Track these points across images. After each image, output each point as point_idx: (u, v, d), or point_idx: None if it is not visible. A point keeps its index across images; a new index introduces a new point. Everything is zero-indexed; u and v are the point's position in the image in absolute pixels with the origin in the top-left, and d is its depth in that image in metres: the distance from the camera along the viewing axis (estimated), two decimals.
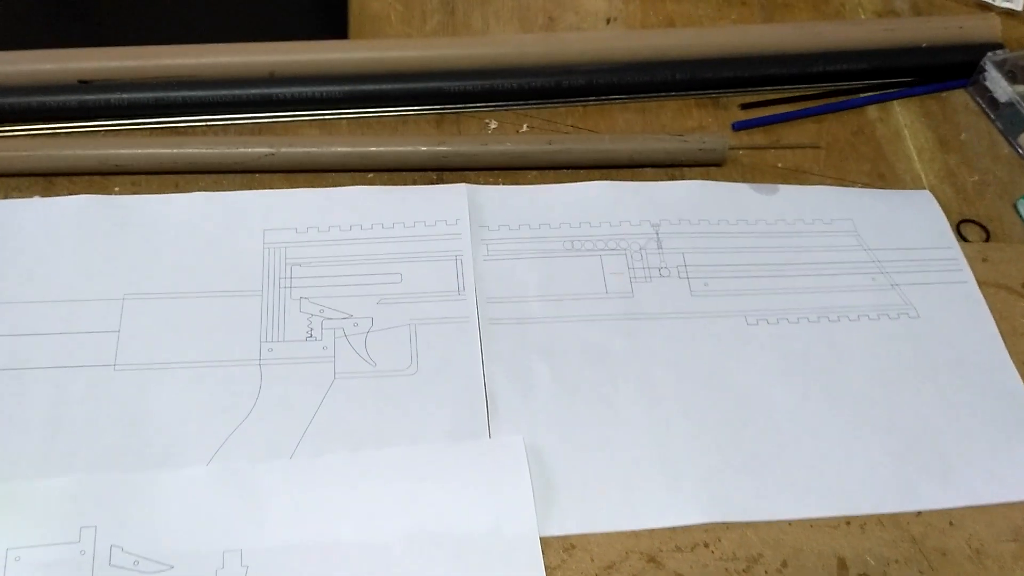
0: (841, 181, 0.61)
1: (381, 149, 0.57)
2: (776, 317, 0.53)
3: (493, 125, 0.62)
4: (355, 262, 0.53)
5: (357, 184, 0.57)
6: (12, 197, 0.55)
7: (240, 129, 0.59)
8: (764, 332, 0.52)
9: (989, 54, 0.65)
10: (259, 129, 0.60)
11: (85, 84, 0.58)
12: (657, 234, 0.56)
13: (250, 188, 0.56)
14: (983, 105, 0.65)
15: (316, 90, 0.60)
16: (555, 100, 0.63)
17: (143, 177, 0.56)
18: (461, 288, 0.52)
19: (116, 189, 0.55)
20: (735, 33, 0.65)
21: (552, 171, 0.59)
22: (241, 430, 0.47)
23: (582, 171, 0.59)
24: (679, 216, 0.57)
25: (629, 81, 0.63)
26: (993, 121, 0.65)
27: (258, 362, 0.49)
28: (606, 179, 0.59)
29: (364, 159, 0.57)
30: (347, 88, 0.60)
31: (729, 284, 0.54)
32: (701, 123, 0.63)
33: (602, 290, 0.53)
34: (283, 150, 0.56)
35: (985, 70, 0.64)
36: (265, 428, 0.47)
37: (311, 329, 0.50)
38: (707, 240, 0.56)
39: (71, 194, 0.55)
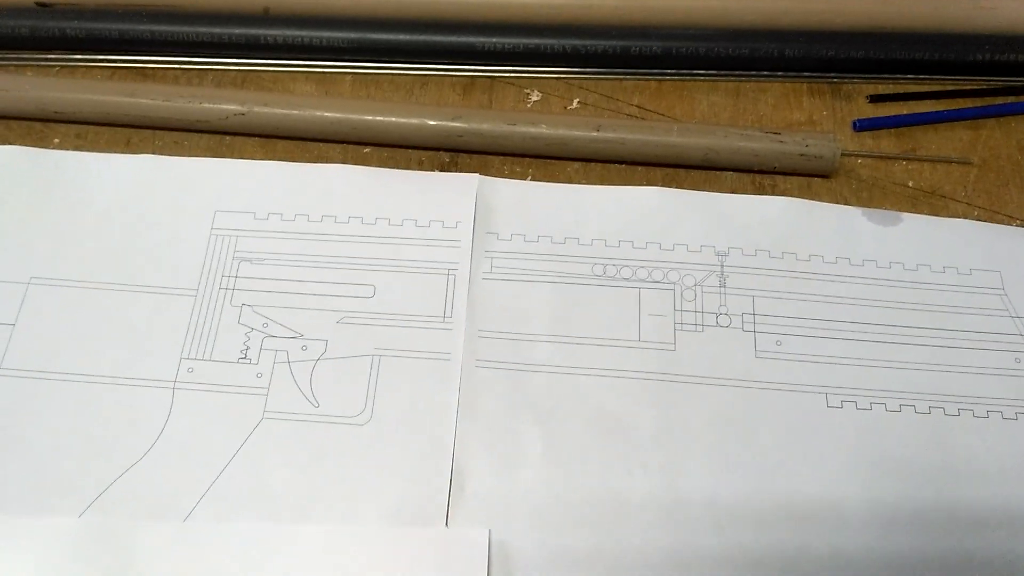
0: (994, 215, 0.45)
1: (376, 119, 0.44)
2: (869, 400, 0.39)
3: (535, 97, 0.48)
4: (319, 264, 0.41)
5: (350, 159, 0.45)
6: None
7: (220, 77, 0.48)
8: (850, 419, 0.38)
9: None
10: (243, 79, 0.48)
11: (44, 7, 0.48)
12: (722, 267, 0.42)
13: (217, 154, 0.45)
14: None
15: (318, 35, 0.48)
16: (620, 70, 0.49)
17: (90, 129, 0.46)
18: (448, 313, 0.40)
19: (56, 141, 0.45)
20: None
21: (600, 165, 0.46)
22: (132, 474, 0.36)
23: (640, 168, 0.46)
24: (756, 245, 0.42)
25: (721, 53, 0.48)
26: None
27: (172, 385, 0.38)
28: (670, 183, 0.45)
29: (357, 129, 0.45)
30: (355, 35, 0.48)
31: (810, 346, 0.40)
32: (812, 116, 0.48)
33: (635, 336, 0.40)
34: (256, 109, 0.45)
35: None
36: (162, 475, 0.36)
37: (247, 348, 0.39)
38: (789, 282, 0.41)
39: (3, 143, 0.45)
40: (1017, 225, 0.44)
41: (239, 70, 0.48)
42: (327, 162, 0.45)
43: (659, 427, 0.38)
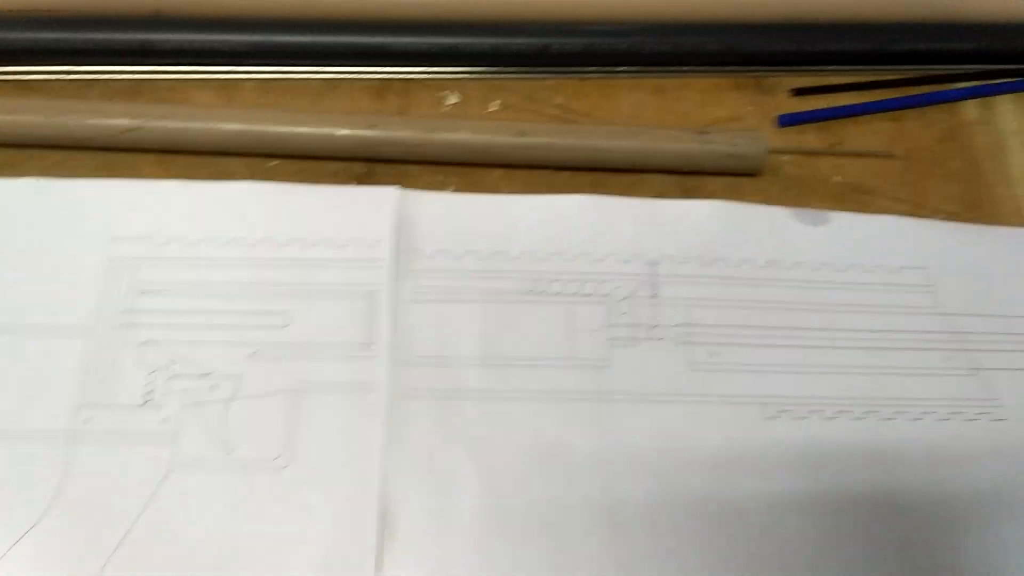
0: (919, 209, 0.44)
1: (283, 129, 0.41)
2: (805, 408, 0.38)
3: (453, 99, 0.46)
4: (227, 293, 0.38)
5: (256, 174, 0.42)
6: None
7: (109, 88, 0.44)
8: (785, 430, 0.37)
9: None
10: (135, 89, 0.44)
11: None
12: (653, 276, 0.40)
13: (110, 174, 0.41)
14: None
15: (215, 39, 0.44)
16: (541, 69, 0.47)
17: None
18: (370, 340, 0.38)
19: None
20: None
21: (525, 170, 0.44)
22: (27, 542, 0.33)
23: (565, 173, 0.44)
24: (687, 252, 0.41)
25: (643, 49, 0.47)
26: None
27: (66, 437, 0.35)
28: (597, 188, 0.43)
29: (263, 141, 0.42)
30: (256, 38, 0.44)
31: (744, 356, 0.39)
32: (736, 112, 0.47)
33: (568, 354, 0.38)
34: (151, 123, 0.41)
35: None
36: (61, 540, 0.33)
37: (151, 391, 0.36)
38: (721, 290, 0.40)
39: None
40: (941, 219, 0.44)
41: (130, 80, 0.44)
42: (231, 178, 0.41)
43: (598, 451, 0.36)
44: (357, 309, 0.38)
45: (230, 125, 0.41)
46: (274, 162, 0.43)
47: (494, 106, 0.46)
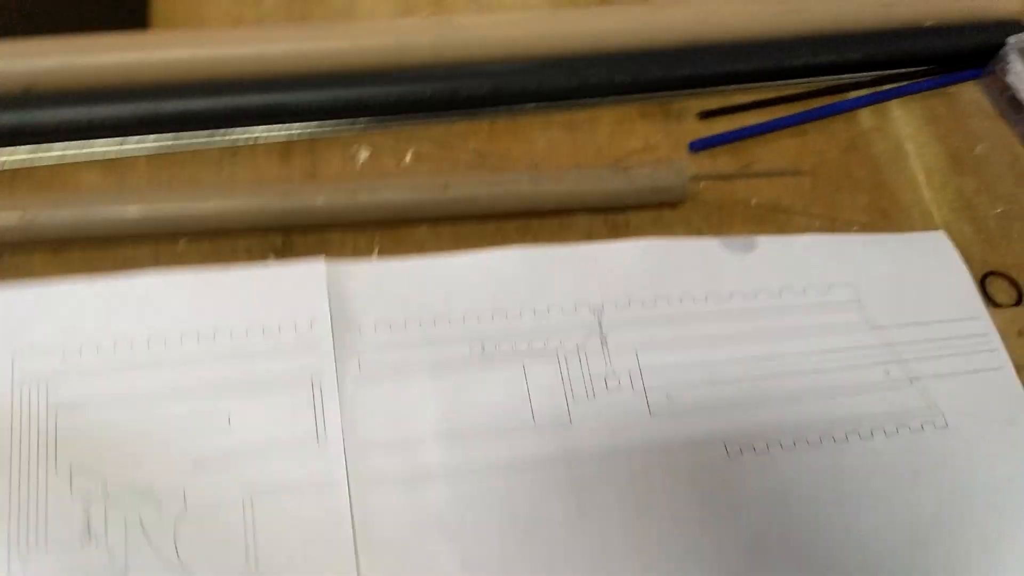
0: (834, 221, 0.46)
1: (186, 206, 0.38)
2: (764, 441, 0.38)
3: (364, 155, 0.44)
4: (157, 400, 0.35)
5: (163, 258, 0.39)
6: None
7: None
8: (752, 466, 0.38)
9: (1012, 39, 0.50)
10: (13, 178, 0.40)
11: None
12: (600, 324, 0.40)
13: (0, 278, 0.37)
14: (1002, 106, 0.50)
15: (95, 112, 0.40)
16: (451, 113, 0.45)
17: None
18: (321, 431, 0.35)
19: None
20: (688, 12, 0.48)
21: (451, 223, 0.42)
22: None
23: (492, 222, 0.42)
24: (628, 294, 0.40)
25: (550, 85, 0.46)
26: (1014, 126, 0.50)
27: None
28: (526, 233, 0.42)
29: (165, 222, 0.39)
30: (142, 106, 0.41)
31: (699, 394, 0.39)
32: (648, 141, 0.47)
33: (528, 417, 0.37)
34: (38, 216, 0.37)
35: (1007, 61, 0.49)
36: None
37: (88, 523, 0.33)
38: (667, 328, 0.40)
39: None
40: (856, 231, 0.45)
41: (5, 168, 0.40)
42: (137, 266, 0.38)
43: (571, 518, 0.35)
44: (302, 399, 0.36)
45: (129, 208, 0.38)
46: (181, 243, 0.39)
47: (408, 157, 0.44)
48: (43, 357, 0.35)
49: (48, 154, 0.40)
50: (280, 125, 0.43)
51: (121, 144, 0.41)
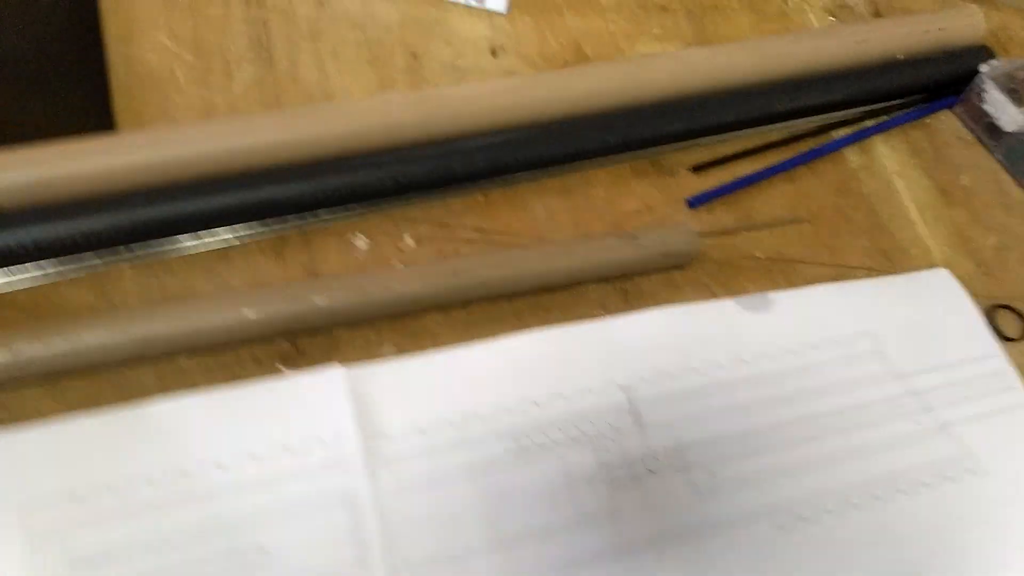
0: (840, 269, 0.45)
1: (188, 325, 0.36)
2: (812, 509, 0.38)
3: (361, 244, 0.42)
4: (185, 540, 0.32)
5: (167, 380, 0.36)
6: None
7: None
8: (803, 536, 0.37)
9: (984, 67, 0.50)
10: None
11: None
12: (632, 404, 0.38)
13: None
14: (979, 132, 0.51)
15: (75, 226, 0.37)
16: (445, 191, 0.43)
17: None
18: (363, 554, 0.33)
19: None
20: (669, 64, 0.47)
21: (462, 307, 0.40)
22: None
23: (504, 302, 0.41)
24: (655, 368, 0.39)
25: (544, 153, 0.44)
26: (994, 152, 0.51)
27: None
28: (539, 309, 0.41)
29: (167, 343, 0.36)
30: (126, 215, 0.38)
31: (741, 467, 0.38)
32: (645, 200, 0.46)
33: (572, 512, 0.36)
34: (27, 351, 0.34)
35: (983, 89, 0.50)
36: None
37: None
38: (698, 400, 0.39)
39: None
40: (862, 275, 0.45)
41: None
42: (140, 392, 0.35)
43: None
44: (337, 521, 0.34)
45: (123, 331, 0.35)
46: (183, 360, 0.37)
47: (407, 239, 0.42)
48: (58, 506, 0.32)
49: (24, 276, 0.37)
50: (270, 221, 0.40)
51: (103, 257, 0.38)
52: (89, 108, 0.42)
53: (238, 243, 0.40)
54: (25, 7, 0.43)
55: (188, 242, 0.39)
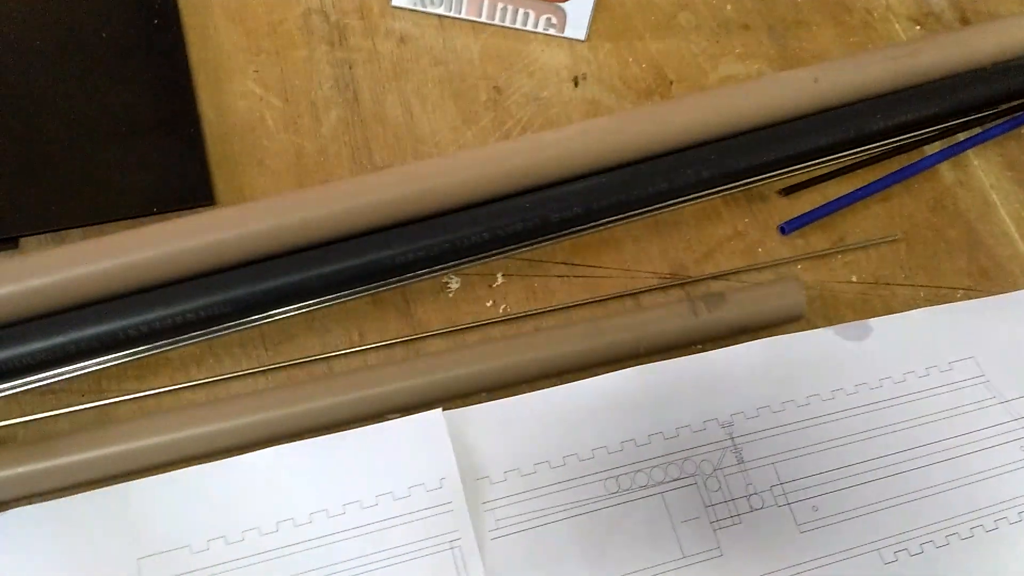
0: (938, 290, 0.44)
1: (286, 413, 0.37)
2: (917, 541, 0.37)
3: (455, 285, 0.42)
4: None
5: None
6: None
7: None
8: (911, 571, 0.36)
9: None
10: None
11: None
12: (732, 440, 0.38)
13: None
14: None
15: (210, 299, 0.38)
16: (542, 239, 0.43)
17: None
18: None
19: None
20: (764, 92, 0.46)
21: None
22: None
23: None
24: (754, 402, 0.39)
25: (637, 195, 0.43)
26: None
27: None
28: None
29: (280, 426, 0.37)
30: (237, 291, 0.38)
31: (844, 501, 0.37)
32: (736, 227, 0.45)
33: (677, 552, 0.35)
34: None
35: None
36: None
37: None
38: (800, 433, 0.39)
39: None
40: (961, 296, 0.44)
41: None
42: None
43: None
44: (443, 566, 0.34)
45: (242, 419, 0.36)
46: None
47: (499, 280, 0.42)
48: (169, 556, 0.33)
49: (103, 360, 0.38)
50: (365, 285, 0.40)
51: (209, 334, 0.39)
52: (187, 162, 0.42)
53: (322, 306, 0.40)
54: (119, 66, 0.44)
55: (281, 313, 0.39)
